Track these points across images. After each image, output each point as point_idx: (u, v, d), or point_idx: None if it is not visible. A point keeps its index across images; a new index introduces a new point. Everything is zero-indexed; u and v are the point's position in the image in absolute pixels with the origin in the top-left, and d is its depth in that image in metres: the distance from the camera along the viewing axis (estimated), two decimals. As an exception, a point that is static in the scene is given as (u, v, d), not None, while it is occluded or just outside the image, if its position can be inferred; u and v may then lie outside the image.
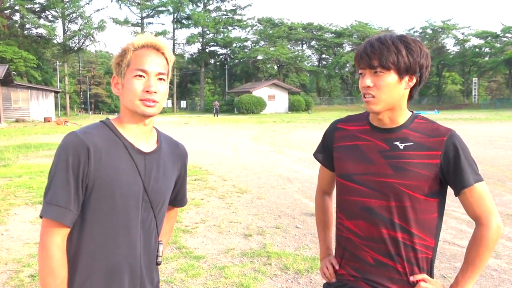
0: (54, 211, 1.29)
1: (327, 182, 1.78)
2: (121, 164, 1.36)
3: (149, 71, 1.38)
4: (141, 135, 1.44)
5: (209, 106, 54.66)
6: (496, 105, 57.88)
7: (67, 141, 1.33)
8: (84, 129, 1.39)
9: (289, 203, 6.76)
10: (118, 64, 1.42)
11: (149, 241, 1.45)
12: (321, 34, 65.27)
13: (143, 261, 1.43)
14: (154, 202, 1.44)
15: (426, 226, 1.48)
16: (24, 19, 48.95)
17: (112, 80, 1.46)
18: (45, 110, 36.49)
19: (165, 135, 1.60)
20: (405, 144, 1.48)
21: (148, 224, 1.43)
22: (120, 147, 1.39)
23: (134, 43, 1.40)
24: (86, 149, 1.31)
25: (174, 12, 60.80)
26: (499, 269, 4.10)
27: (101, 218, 1.35)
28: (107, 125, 1.42)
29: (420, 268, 1.49)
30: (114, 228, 1.36)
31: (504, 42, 62.05)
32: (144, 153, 1.42)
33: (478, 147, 13.81)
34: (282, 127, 24.97)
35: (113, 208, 1.35)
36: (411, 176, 1.44)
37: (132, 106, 1.38)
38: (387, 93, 1.44)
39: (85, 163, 1.31)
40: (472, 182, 1.43)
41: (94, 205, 1.34)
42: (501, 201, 6.76)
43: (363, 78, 1.47)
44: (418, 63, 1.44)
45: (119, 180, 1.35)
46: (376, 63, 1.43)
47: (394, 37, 1.45)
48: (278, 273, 4.03)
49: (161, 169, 1.47)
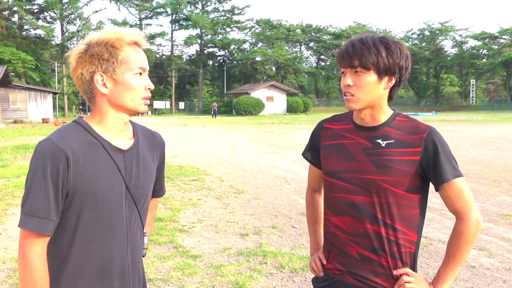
0: (34, 223, 1.25)
1: (316, 180, 1.83)
2: (100, 166, 1.32)
3: (146, 68, 1.38)
4: (119, 132, 1.40)
5: (207, 108, 54.69)
6: (494, 107, 58.01)
7: (44, 149, 1.26)
8: (59, 134, 1.32)
9: (286, 203, 6.80)
10: (107, 60, 1.32)
11: (135, 238, 1.43)
12: (320, 35, 65.38)
13: (130, 260, 1.42)
14: (137, 199, 1.41)
15: (408, 221, 1.53)
16: (23, 20, 48.89)
17: (93, 77, 1.33)
18: (43, 111, 36.48)
19: (140, 126, 1.54)
20: (387, 142, 1.52)
21: (133, 221, 1.42)
22: (98, 148, 1.34)
23: (126, 39, 1.34)
24: (65, 156, 1.26)
25: (172, 13, 60.84)
26: (492, 268, 4.15)
27: (85, 222, 1.32)
28: (81, 126, 1.36)
29: (403, 262, 1.54)
30: (99, 230, 1.34)
31: (502, 43, 62.25)
32: (123, 151, 1.39)
33: (475, 148, 13.88)
34: (280, 128, 25.02)
35: (96, 211, 1.32)
36: (392, 173, 1.49)
37: (133, 104, 1.35)
38: (366, 92, 1.49)
39: (64, 171, 1.26)
40: (451, 177, 1.48)
41: (76, 210, 1.30)
42: (495, 201, 6.82)
43: (344, 77, 1.52)
44: (397, 64, 1.48)
45: (100, 183, 1.31)
46: (356, 63, 1.47)
47: (375, 38, 1.49)
48: (273, 272, 4.08)
49: (141, 164, 1.44)
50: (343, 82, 1.52)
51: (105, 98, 1.35)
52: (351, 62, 1.48)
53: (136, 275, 1.46)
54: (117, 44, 1.32)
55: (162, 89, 63.96)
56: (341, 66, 1.53)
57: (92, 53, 1.32)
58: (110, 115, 1.37)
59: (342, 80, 1.53)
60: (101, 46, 1.32)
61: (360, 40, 1.49)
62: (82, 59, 1.33)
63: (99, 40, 1.33)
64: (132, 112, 1.38)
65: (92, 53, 1.32)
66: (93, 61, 1.32)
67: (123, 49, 1.33)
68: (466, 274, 4.01)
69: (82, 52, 1.34)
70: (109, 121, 1.37)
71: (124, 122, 1.40)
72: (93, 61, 1.32)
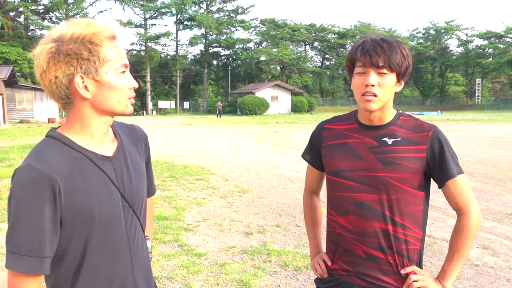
0: (24, 263, 1.09)
1: (315, 182, 1.85)
2: (91, 182, 1.18)
3: (128, 65, 1.23)
4: (102, 137, 1.25)
5: (212, 107, 54.78)
6: (499, 106, 57.72)
7: (28, 178, 1.09)
8: (38, 156, 1.14)
9: (290, 202, 6.83)
10: (87, 59, 1.14)
11: (137, 246, 1.32)
12: (324, 35, 65.26)
13: (136, 272, 1.31)
14: (134, 205, 1.29)
15: (414, 218, 1.56)
16: (28, 21, 49.24)
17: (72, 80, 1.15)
18: (49, 111, 36.66)
19: (118, 123, 1.39)
20: (394, 140, 1.55)
21: (133, 228, 1.30)
22: (84, 162, 1.19)
23: (104, 32, 1.16)
24: (52, 181, 1.10)
25: (177, 13, 61.00)
26: (496, 267, 4.16)
27: (91, 247, 1.19)
28: (59, 140, 1.19)
29: (410, 260, 1.56)
30: (104, 250, 1.22)
31: (508, 43, 61.89)
32: (109, 158, 1.25)
33: (480, 148, 13.83)
34: (284, 128, 25.02)
35: (97, 231, 1.19)
36: (400, 169, 1.52)
37: (120, 107, 1.22)
38: (387, 93, 1.51)
39: (54, 198, 1.10)
40: (456, 174, 1.52)
41: (72, 233, 1.17)
42: (500, 200, 6.81)
43: (364, 76, 1.50)
44: (410, 68, 1.53)
45: (95, 201, 1.18)
46: (382, 63, 1.47)
47: (395, 41, 1.51)
48: (277, 270, 4.11)
49: (130, 166, 1.31)
50: (365, 81, 1.48)
51: (87, 103, 1.19)
52: (378, 61, 1.47)
53: (144, 285, 1.34)
54: (96, 39, 1.14)
55: (167, 89, 64.15)
56: (363, 65, 1.49)
57: (68, 52, 1.13)
58: (93, 120, 1.21)
59: (361, 79, 1.50)
60: (77, 43, 1.13)
61: (384, 40, 1.49)
62: (55, 59, 1.13)
63: (74, 36, 1.13)
64: (117, 115, 1.24)
65: (67, 52, 1.13)
66: (70, 61, 1.13)
67: (103, 45, 1.16)
68: (469, 273, 4.02)
69: (53, 51, 1.13)
70: (91, 128, 1.22)
71: (108, 125, 1.26)
72: (71, 62, 1.13)
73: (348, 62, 1.57)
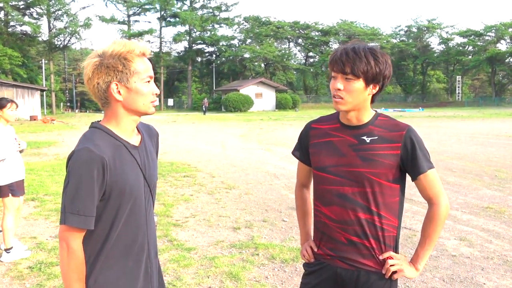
0: (81, 220, 1.45)
1: (305, 176, 2.04)
2: (127, 165, 1.54)
3: (152, 76, 1.60)
4: (132, 131, 1.61)
5: (196, 104, 54.76)
6: (479, 103, 58.98)
7: (87, 157, 1.45)
8: (91, 142, 1.50)
9: (276, 198, 7.00)
10: (121, 71, 1.50)
11: (151, 218, 1.68)
12: (308, 32, 65.70)
13: (150, 238, 1.66)
14: (151, 186, 1.66)
15: (390, 208, 1.74)
16: (9, 17, 48.28)
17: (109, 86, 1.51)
18: (31, 108, 36.18)
19: (139, 122, 1.73)
20: (371, 138, 1.73)
21: (149, 206, 1.66)
22: (121, 148, 1.55)
23: (136, 51, 1.53)
24: (103, 161, 1.46)
25: (161, 10, 60.62)
26: (472, 257, 4.39)
27: (121, 213, 1.54)
28: (103, 131, 1.55)
29: (386, 245, 1.75)
30: (130, 217, 1.56)
31: (487, 40, 63.19)
32: (137, 147, 1.61)
33: (459, 144, 14.22)
34: (269, 125, 25.22)
35: (127, 202, 1.54)
36: (377, 165, 1.70)
37: (144, 108, 1.57)
38: (353, 97, 1.68)
39: (104, 175, 1.47)
40: (426, 169, 1.71)
41: (113, 204, 1.52)
42: (477, 195, 7.09)
43: (335, 80, 1.70)
44: (383, 74, 1.68)
45: (129, 178, 1.53)
46: (348, 70, 1.65)
47: (366, 48, 1.67)
48: (265, 263, 4.27)
49: (149, 156, 1.67)
50: (334, 85, 1.69)
51: (119, 104, 1.55)
52: (344, 68, 1.65)
53: (153, 249, 1.69)
54: (129, 56, 1.52)
55: (151, 86, 63.56)
56: (333, 71, 1.70)
57: (108, 65, 1.50)
58: (125, 118, 1.58)
59: (332, 83, 1.71)
60: (115, 58, 1.50)
61: (353, 49, 1.67)
62: (98, 70, 1.51)
63: (113, 53, 1.51)
64: (143, 114, 1.60)
65: (107, 65, 1.50)
66: (108, 72, 1.50)
67: (134, 61, 1.52)
68: (447, 263, 4.24)
69: (97, 64, 1.51)
70: (124, 123, 1.58)
71: (136, 123, 1.63)
72: (109, 72, 1.51)
73: (328, 67, 1.77)
